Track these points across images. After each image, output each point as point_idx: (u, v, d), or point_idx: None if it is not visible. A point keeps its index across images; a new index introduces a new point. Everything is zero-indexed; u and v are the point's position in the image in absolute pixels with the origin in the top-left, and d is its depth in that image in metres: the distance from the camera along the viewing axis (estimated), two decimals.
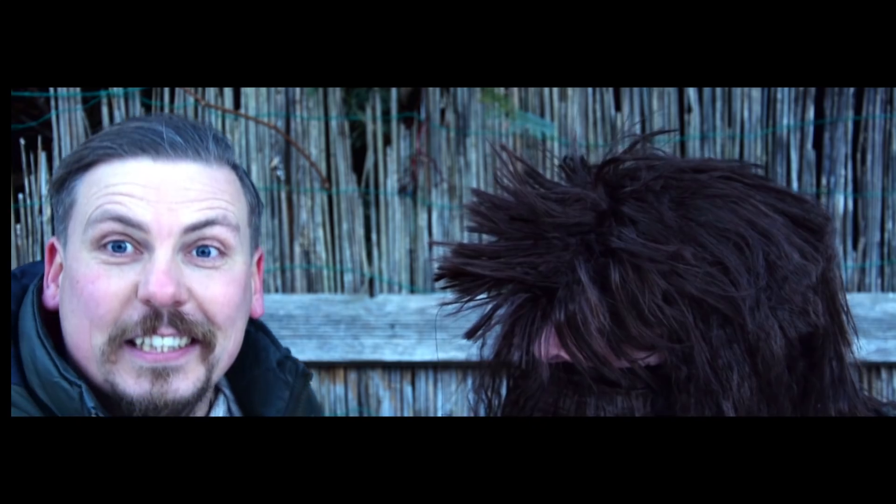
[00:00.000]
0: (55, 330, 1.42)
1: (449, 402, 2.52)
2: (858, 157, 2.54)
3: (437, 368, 2.51)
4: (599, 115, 2.54)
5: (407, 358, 2.48)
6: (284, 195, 2.53)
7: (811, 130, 2.53)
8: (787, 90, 2.52)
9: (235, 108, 2.50)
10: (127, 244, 1.37)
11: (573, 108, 2.53)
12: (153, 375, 1.36)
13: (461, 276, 1.24)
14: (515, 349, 1.21)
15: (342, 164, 2.54)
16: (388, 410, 2.51)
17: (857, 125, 2.54)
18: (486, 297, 1.25)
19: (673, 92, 2.53)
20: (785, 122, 2.53)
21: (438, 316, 1.25)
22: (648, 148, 1.30)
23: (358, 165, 2.55)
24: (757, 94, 2.53)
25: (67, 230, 1.42)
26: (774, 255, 1.19)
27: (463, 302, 1.25)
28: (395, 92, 2.51)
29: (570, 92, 2.52)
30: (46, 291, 1.45)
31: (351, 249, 2.54)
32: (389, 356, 2.48)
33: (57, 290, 1.44)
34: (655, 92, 2.52)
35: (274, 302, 2.47)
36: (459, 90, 2.51)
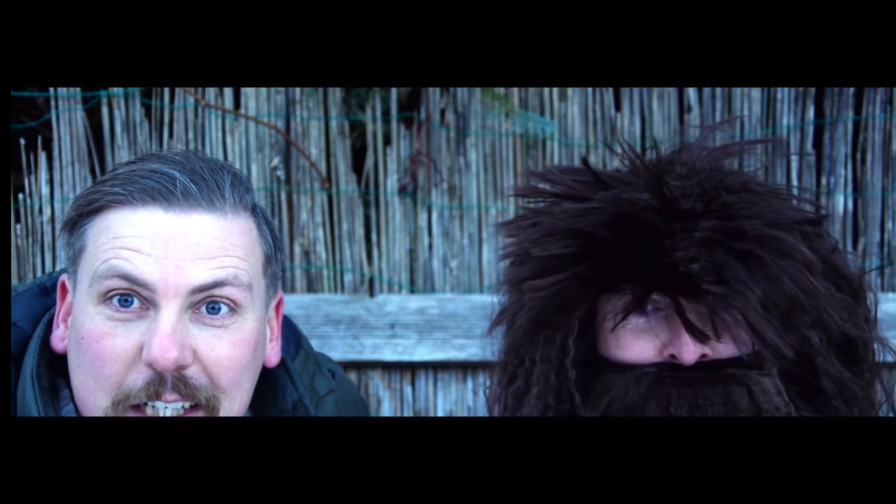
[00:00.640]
0: (65, 367, 1.40)
1: (449, 401, 2.52)
2: (858, 157, 2.53)
3: (436, 368, 2.51)
4: (599, 115, 2.54)
5: (407, 358, 2.48)
6: (284, 195, 2.53)
7: (811, 130, 2.53)
8: (786, 90, 2.52)
9: (235, 108, 2.50)
10: (133, 298, 1.34)
11: (573, 108, 2.53)
12: None
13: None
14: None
15: (342, 164, 2.53)
16: (388, 410, 2.51)
17: (856, 125, 2.53)
18: None
19: (673, 92, 2.53)
20: (785, 122, 2.52)
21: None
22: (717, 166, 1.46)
23: (358, 165, 2.55)
24: (757, 94, 2.53)
25: (77, 274, 1.39)
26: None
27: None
28: (395, 92, 2.51)
29: (570, 92, 2.52)
30: (55, 332, 1.43)
31: (351, 249, 2.54)
32: (389, 356, 2.48)
33: (66, 331, 1.42)
34: (655, 92, 2.52)
35: None
36: (459, 90, 2.51)
